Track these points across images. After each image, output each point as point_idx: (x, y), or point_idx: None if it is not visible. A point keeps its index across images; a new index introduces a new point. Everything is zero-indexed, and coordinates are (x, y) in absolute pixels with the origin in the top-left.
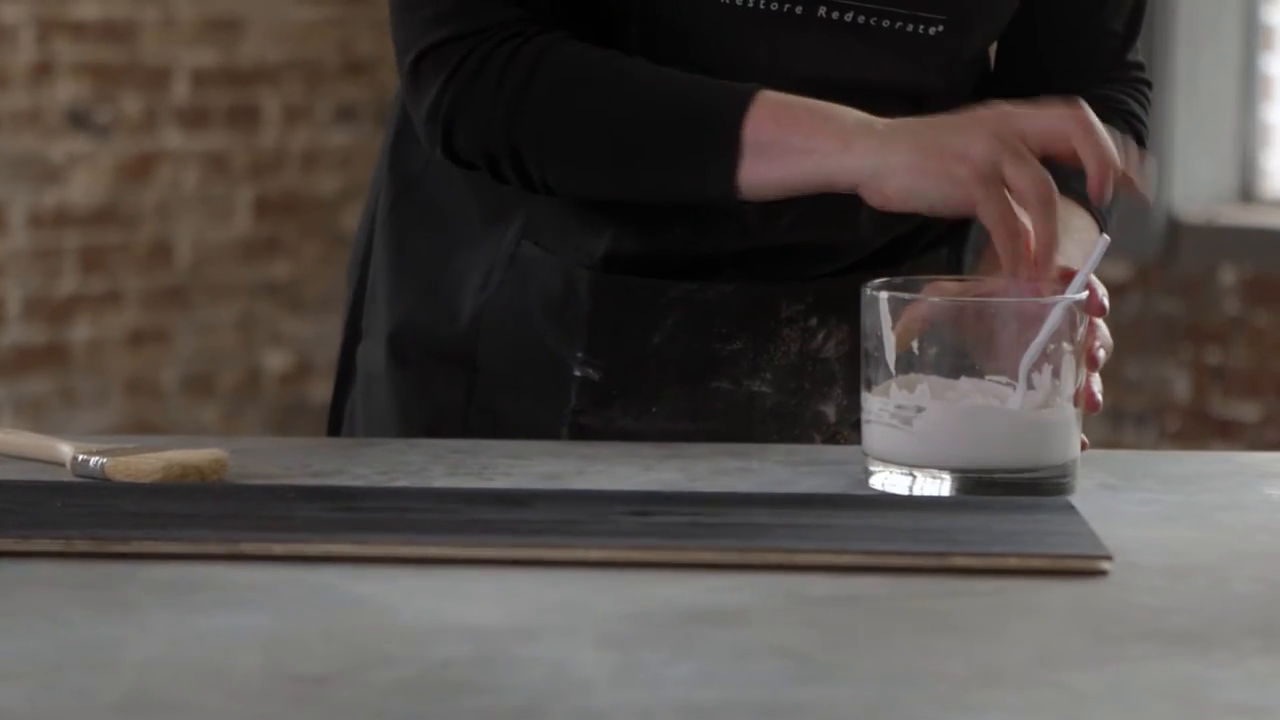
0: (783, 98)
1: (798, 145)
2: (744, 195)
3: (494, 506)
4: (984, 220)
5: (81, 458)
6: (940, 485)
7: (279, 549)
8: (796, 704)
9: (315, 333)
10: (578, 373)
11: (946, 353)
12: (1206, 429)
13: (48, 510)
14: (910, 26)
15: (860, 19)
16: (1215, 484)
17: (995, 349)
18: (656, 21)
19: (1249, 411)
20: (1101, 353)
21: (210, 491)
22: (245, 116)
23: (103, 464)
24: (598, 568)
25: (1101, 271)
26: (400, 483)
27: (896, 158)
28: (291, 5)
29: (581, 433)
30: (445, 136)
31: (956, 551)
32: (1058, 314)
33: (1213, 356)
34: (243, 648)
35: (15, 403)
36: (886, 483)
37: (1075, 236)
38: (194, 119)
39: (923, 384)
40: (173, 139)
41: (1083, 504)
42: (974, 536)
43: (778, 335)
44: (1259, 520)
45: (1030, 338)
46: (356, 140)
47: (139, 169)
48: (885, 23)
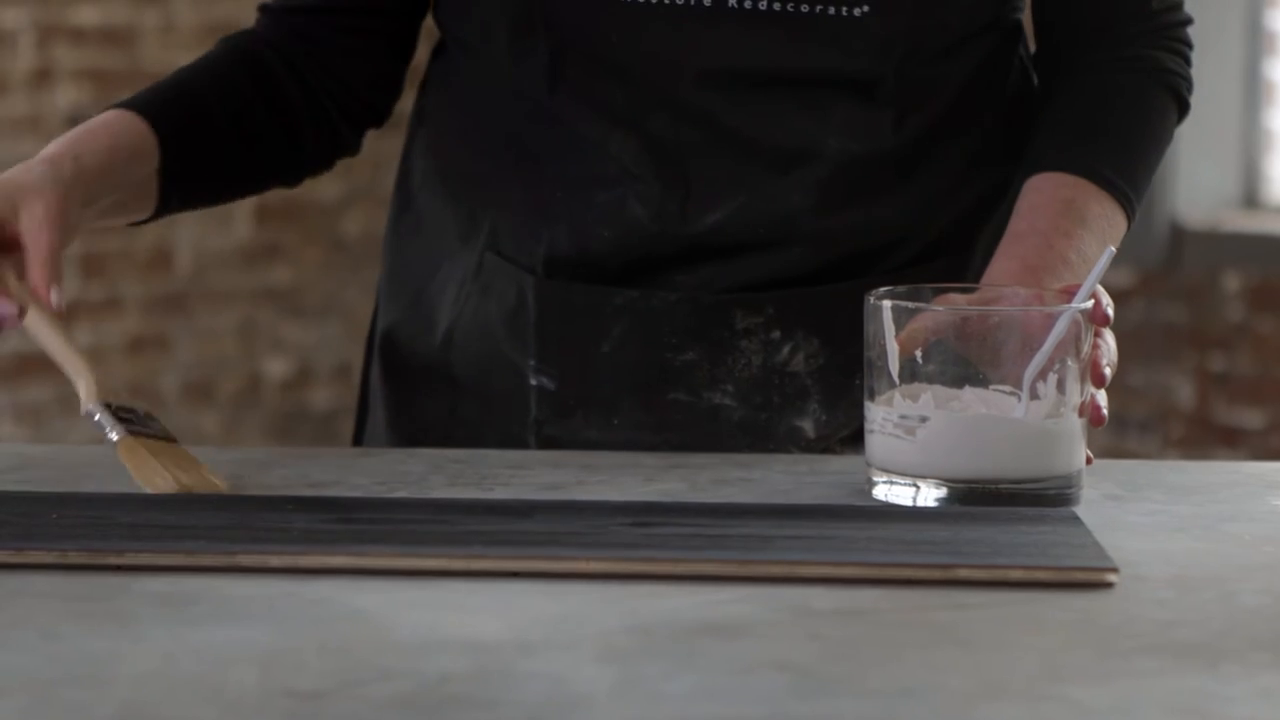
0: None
1: None
2: None
3: (493, 518)
4: None
5: (95, 412)
6: (944, 496)
7: (276, 561)
8: (799, 719)
9: (316, 339)
10: (534, 382)
11: (950, 362)
12: (1210, 436)
13: (43, 522)
14: (831, 9)
15: (775, 5)
16: (1222, 494)
17: (1000, 358)
18: (562, 26)
19: (1253, 418)
20: (1108, 370)
21: (207, 502)
22: None
23: (113, 440)
24: (598, 580)
25: (1105, 278)
26: (399, 493)
27: None
28: None
29: (548, 444)
30: None
31: (961, 564)
32: (1063, 323)
33: (1216, 363)
34: (238, 662)
35: (15, 410)
36: (890, 493)
37: (1093, 227)
38: None
39: (926, 393)
40: None
41: (1088, 515)
42: (978, 548)
43: (734, 347)
44: (1266, 531)
45: (1035, 347)
46: None
47: None
48: (804, 8)
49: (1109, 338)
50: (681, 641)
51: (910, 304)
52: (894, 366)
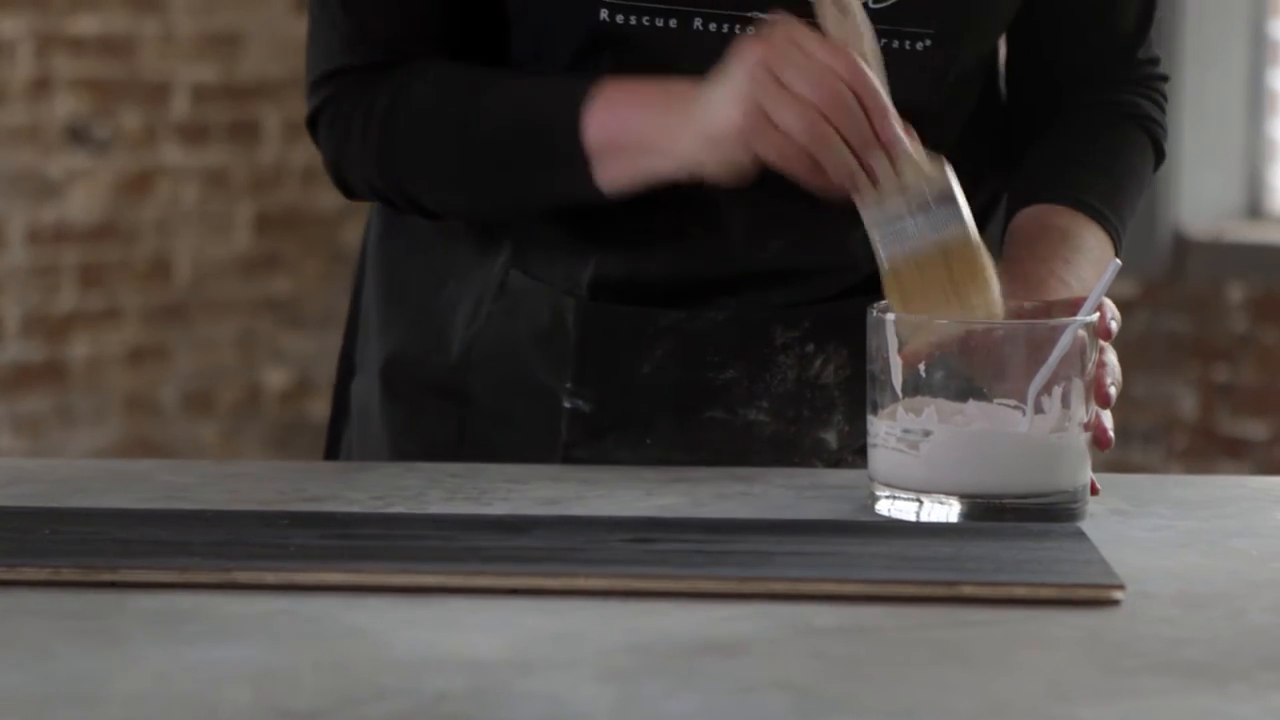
0: (620, 89)
1: (632, 145)
2: (611, 192)
3: (491, 533)
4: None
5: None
6: (948, 511)
7: (271, 578)
8: None
9: (316, 349)
10: (568, 405)
11: (954, 376)
12: (1214, 447)
13: (35, 538)
14: (895, 42)
15: None
16: (1228, 509)
17: (1004, 372)
18: (630, 50)
19: (1257, 429)
20: (1113, 389)
21: (201, 518)
22: (245, 132)
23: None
24: (597, 597)
25: (1109, 289)
26: (397, 508)
27: (717, 145)
28: (292, 20)
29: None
30: (345, 191)
31: (965, 580)
32: (1068, 337)
33: (1220, 374)
34: (232, 681)
35: (13, 421)
36: (893, 508)
37: (1089, 255)
38: (194, 134)
39: (930, 407)
40: (172, 155)
41: (1093, 530)
42: (982, 565)
43: (773, 362)
44: (1274, 547)
45: (1040, 361)
46: None
47: (138, 185)
48: None
49: (1112, 357)
50: (682, 660)
51: (913, 317)
52: (897, 380)
